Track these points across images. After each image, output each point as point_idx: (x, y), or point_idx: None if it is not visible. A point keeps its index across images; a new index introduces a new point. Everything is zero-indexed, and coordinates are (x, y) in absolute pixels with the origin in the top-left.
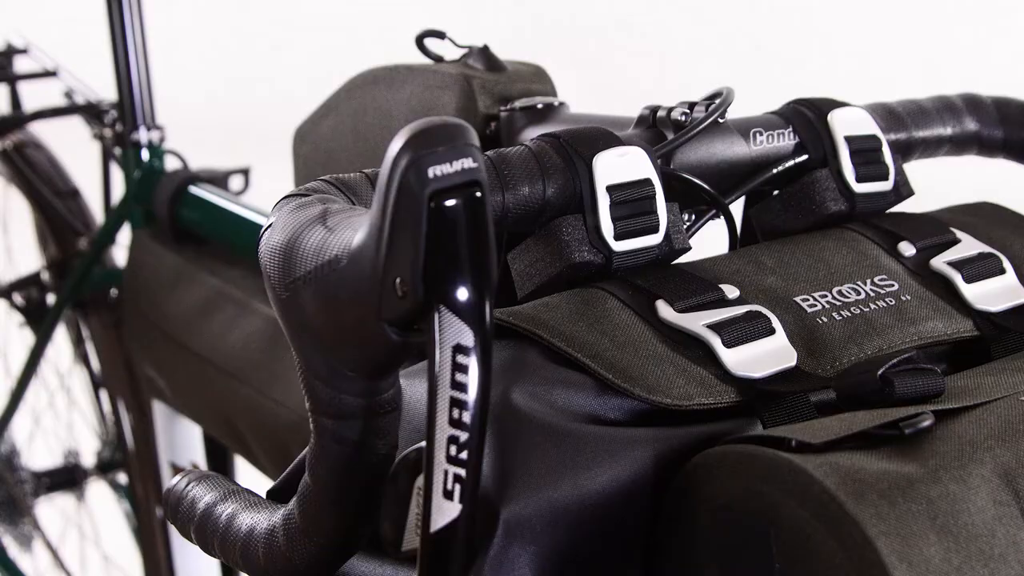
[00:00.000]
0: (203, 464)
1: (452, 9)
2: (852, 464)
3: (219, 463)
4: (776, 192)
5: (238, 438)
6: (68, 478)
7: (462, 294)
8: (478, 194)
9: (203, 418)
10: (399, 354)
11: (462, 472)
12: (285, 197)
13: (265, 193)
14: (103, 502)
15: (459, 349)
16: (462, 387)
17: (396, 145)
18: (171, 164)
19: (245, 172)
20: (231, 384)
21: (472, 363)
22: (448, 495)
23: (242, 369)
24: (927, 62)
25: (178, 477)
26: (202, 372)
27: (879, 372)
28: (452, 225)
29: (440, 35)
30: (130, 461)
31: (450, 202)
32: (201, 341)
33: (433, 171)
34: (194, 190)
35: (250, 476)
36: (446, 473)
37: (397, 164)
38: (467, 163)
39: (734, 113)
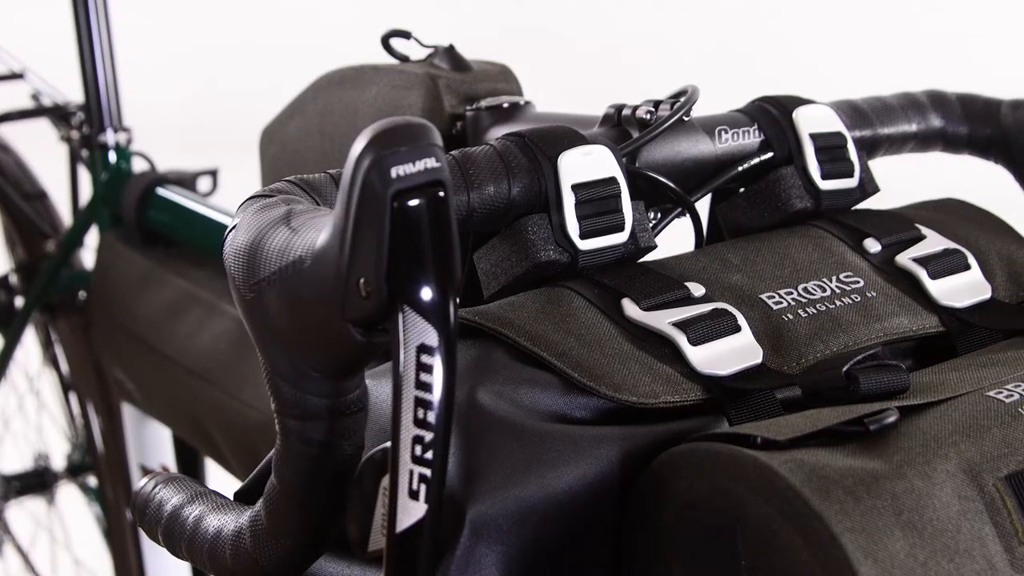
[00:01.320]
0: (173, 466)
1: (418, 9)
2: (817, 461)
3: (189, 465)
4: (742, 190)
5: (207, 440)
6: (38, 481)
7: (426, 294)
8: (441, 194)
9: (172, 420)
10: (364, 354)
11: (427, 472)
12: (249, 198)
13: (234, 194)
14: (73, 505)
15: (423, 349)
16: (427, 387)
17: (359, 145)
18: (139, 166)
19: (213, 173)
20: (200, 386)
21: (437, 363)
22: (414, 495)
23: (211, 371)
24: (897, 58)
25: (145, 480)
26: (171, 374)
27: (844, 369)
28: (415, 225)
29: (406, 35)
30: (100, 464)
31: (413, 202)
32: (169, 343)
33: (396, 171)
34: (161, 192)
35: (220, 478)
36: (411, 473)
37: (360, 164)
38: (430, 163)
39: (701, 111)
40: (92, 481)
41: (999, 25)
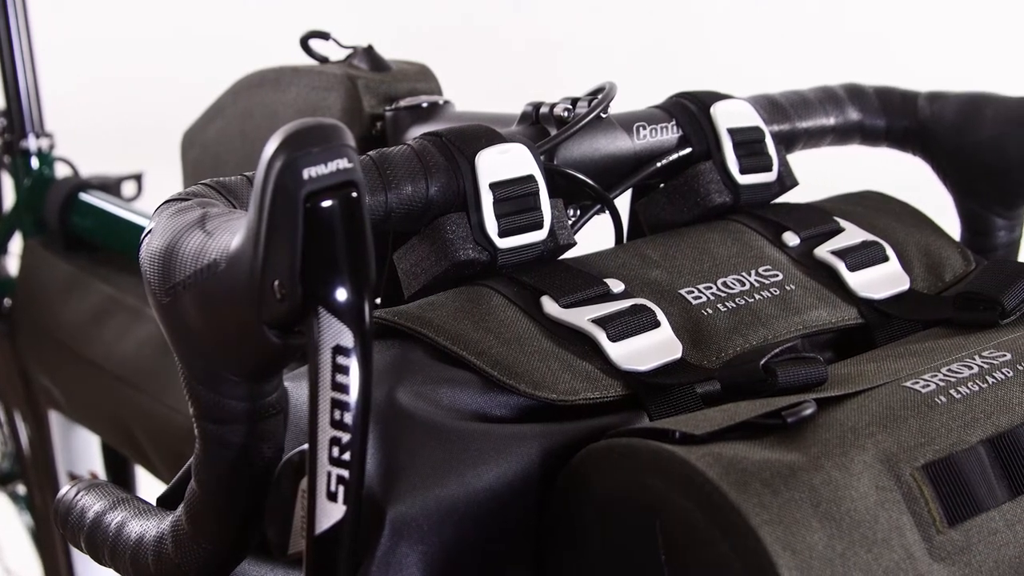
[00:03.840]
0: (102, 473)
1: (338, 9)
2: (735, 454)
3: (119, 472)
4: (661, 185)
5: (135, 446)
6: None
7: (340, 295)
8: (354, 194)
9: (100, 427)
10: (281, 357)
11: (345, 473)
12: (165, 202)
13: (159, 199)
14: (2, 514)
15: (339, 350)
16: (343, 388)
17: (271, 147)
18: (62, 171)
19: (138, 178)
20: (126, 391)
21: (352, 364)
22: (332, 497)
23: (136, 376)
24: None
25: (67, 487)
26: (97, 380)
27: (762, 362)
28: (328, 226)
29: (324, 36)
30: (28, 472)
31: (326, 203)
32: (95, 349)
33: (308, 172)
34: (85, 197)
35: (151, 485)
36: (329, 475)
37: (272, 166)
38: (342, 163)
39: (627, 108)
40: (21, 489)
41: (920, 20)
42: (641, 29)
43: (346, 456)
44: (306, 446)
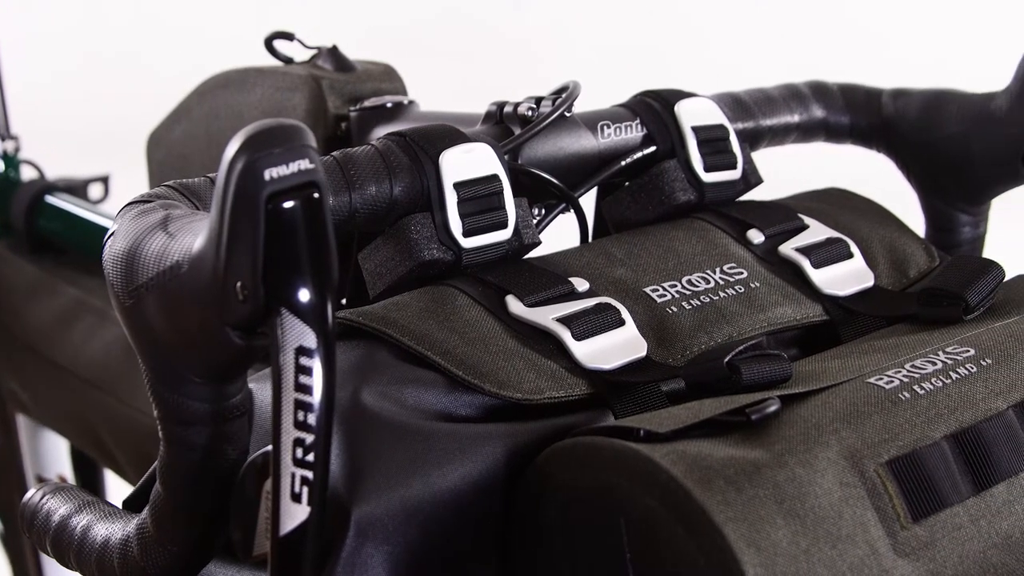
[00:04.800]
0: (71, 477)
1: (304, 10)
2: (699, 451)
3: (87, 476)
4: (626, 184)
5: (103, 449)
6: None
7: (303, 296)
8: (316, 195)
9: (67, 430)
10: (244, 358)
11: (309, 475)
12: (128, 204)
13: (126, 201)
14: None
15: (302, 351)
16: (306, 389)
17: (232, 148)
18: (28, 174)
19: (104, 180)
20: (93, 394)
21: (316, 365)
22: (296, 498)
23: (103, 378)
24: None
25: (33, 490)
26: (64, 383)
27: (726, 360)
28: (290, 227)
29: (289, 36)
30: None
31: (287, 204)
32: (62, 352)
33: (269, 173)
34: (51, 200)
35: (121, 488)
36: (293, 476)
37: (233, 167)
38: (303, 164)
39: (595, 106)
40: None
41: (891, 16)
42: (613, 27)
43: (310, 457)
44: (270, 447)
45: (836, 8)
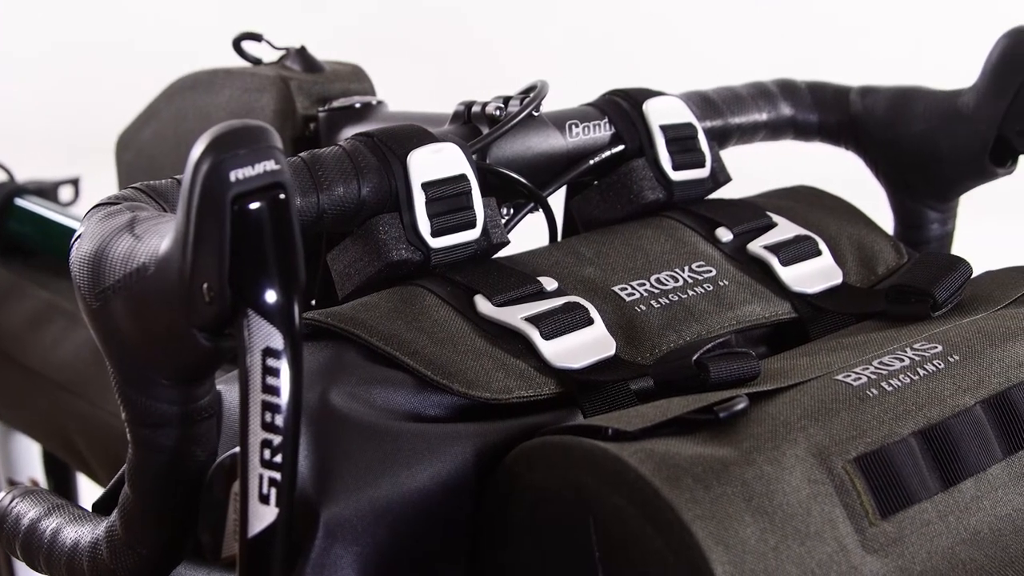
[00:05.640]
0: (43, 481)
1: (273, 11)
2: (667, 450)
3: (60, 479)
4: (595, 183)
5: (74, 452)
6: None
7: (269, 297)
8: (282, 196)
9: (39, 434)
10: (211, 360)
11: (277, 476)
12: (95, 206)
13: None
14: None
15: (269, 352)
16: (274, 390)
17: (197, 150)
18: None
19: (75, 182)
20: (64, 397)
21: (283, 366)
22: (264, 500)
23: (74, 382)
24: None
25: (2, 494)
26: (35, 387)
27: (694, 358)
28: (256, 228)
29: (257, 37)
30: None
31: (253, 205)
32: (32, 355)
33: (235, 174)
34: (21, 202)
35: (93, 491)
36: (261, 477)
37: (199, 169)
38: (269, 165)
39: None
40: None
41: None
42: (581, 26)
43: (277, 458)
44: (238, 449)
45: (808, 5)
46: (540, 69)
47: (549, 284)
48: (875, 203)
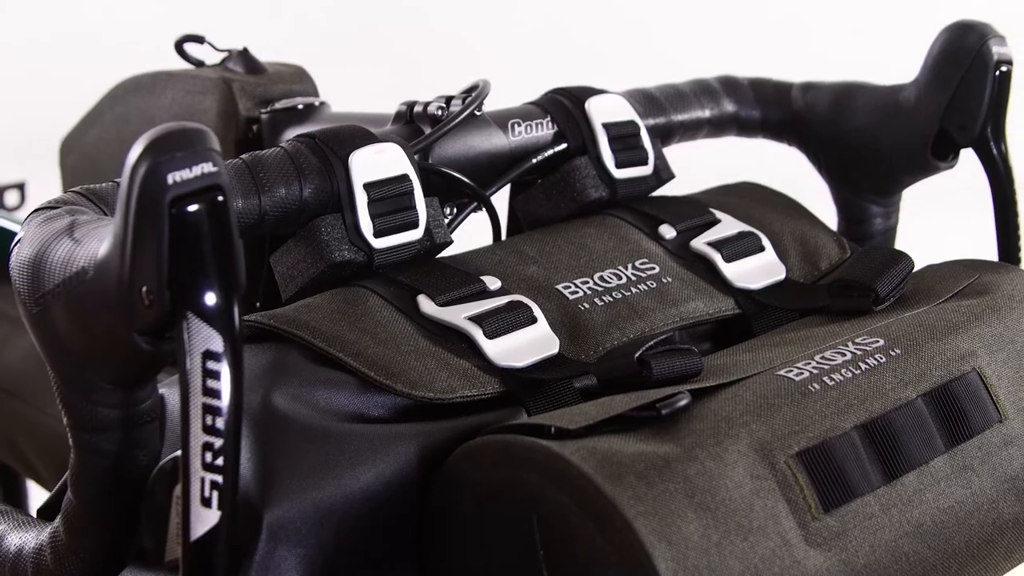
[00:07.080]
0: None
1: (219, 13)
2: (610, 447)
3: (9, 486)
4: (539, 181)
5: (22, 458)
6: None
7: (208, 300)
8: (220, 198)
9: None
10: (152, 364)
11: (219, 479)
12: (35, 210)
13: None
14: None
15: (209, 355)
16: (214, 393)
17: (135, 153)
18: None
19: (21, 187)
20: (10, 403)
21: (223, 368)
22: (206, 502)
23: (20, 387)
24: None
25: None
26: None
27: (636, 355)
28: (194, 231)
29: (199, 39)
30: None
31: (191, 208)
32: None
33: (172, 177)
34: None
35: (42, 497)
36: (203, 480)
37: (136, 172)
38: (207, 167)
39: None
40: None
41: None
42: (524, 24)
43: (219, 461)
44: (179, 452)
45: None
46: (488, 68)
47: (492, 283)
48: (818, 198)
